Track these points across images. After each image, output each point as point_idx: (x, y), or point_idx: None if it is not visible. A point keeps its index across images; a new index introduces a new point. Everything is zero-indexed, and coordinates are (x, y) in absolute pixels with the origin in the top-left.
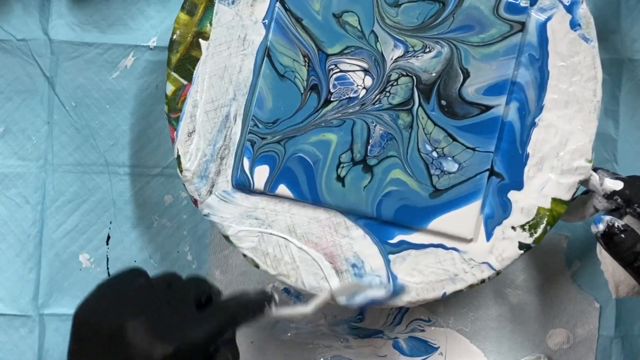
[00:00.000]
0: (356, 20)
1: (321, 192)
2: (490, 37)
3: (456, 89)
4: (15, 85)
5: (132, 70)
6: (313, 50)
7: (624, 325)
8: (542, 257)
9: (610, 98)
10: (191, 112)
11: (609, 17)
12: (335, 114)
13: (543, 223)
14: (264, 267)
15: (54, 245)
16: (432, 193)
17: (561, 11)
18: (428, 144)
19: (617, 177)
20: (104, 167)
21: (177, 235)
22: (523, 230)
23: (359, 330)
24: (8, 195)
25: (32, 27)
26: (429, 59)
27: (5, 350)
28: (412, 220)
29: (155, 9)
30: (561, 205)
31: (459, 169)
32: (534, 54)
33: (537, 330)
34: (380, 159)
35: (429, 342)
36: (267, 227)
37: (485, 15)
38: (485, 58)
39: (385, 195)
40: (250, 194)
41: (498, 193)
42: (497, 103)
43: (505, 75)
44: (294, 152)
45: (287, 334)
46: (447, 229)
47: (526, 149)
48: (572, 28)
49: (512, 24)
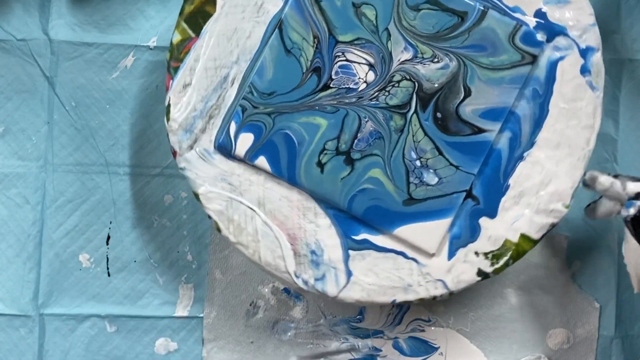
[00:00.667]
0: (373, 15)
1: (299, 173)
2: (499, 62)
3: (455, 104)
4: (15, 85)
5: (132, 70)
6: (324, 33)
7: (624, 325)
8: (542, 257)
9: (610, 98)
10: (191, 66)
11: (609, 17)
12: (331, 100)
13: (506, 256)
14: (226, 232)
15: (54, 245)
16: (406, 200)
17: (575, 54)
18: (414, 152)
19: (636, 178)
20: (104, 167)
21: (177, 235)
22: (485, 258)
23: (359, 330)
24: (8, 195)
25: (32, 27)
26: (435, 69)
27: (5, 350)
28: (380, 222)
29: (155, 9)
30: (528, 243)
31: (438, 182)
32: (538, 89)
33: (537, 330)
34: (364, 155)
35: (429, 342)
36: (238, 194)
37: (500, 39)
38: (490, 81)
39: (360, 191)
40: (230, 158)
41: (470, 216)
42: (491, 128)
43: (505, 103)
44: (282, 128)
45: (287, 334)
46: (412, 238)
47: (508, 180)
48: (581, 73)
49: (525, 55)
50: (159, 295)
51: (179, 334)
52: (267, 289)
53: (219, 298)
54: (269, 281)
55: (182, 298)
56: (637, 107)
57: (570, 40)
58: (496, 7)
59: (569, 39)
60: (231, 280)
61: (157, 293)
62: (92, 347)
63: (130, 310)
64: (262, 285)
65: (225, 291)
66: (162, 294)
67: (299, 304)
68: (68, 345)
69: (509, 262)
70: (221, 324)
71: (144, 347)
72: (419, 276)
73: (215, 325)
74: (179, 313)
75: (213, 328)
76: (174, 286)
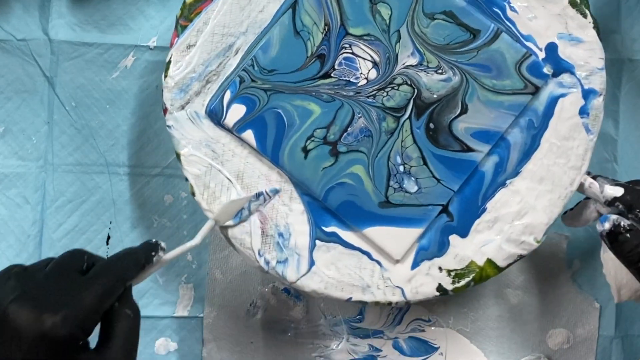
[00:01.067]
0: (388, 14)
1: (282, 154)
2: (501, 86)
3: (449, 118)
4: (15, 85)
5: (132, 70)
6: (336, 22)
7: (624, 325)
8: (542, 257)
9: (610, 98)
10: (199, 28)
11: (609, 17)
12: (329, 89)
13: (469, 277)
14: (199, 198)
15: (54, 245)
16: (382, 202)
17: (578, 94)
18: (399, 157)
19: (617, 183)
20: (104, 167)
21: (177, 235)
22: (448, 275)
23: (359, 331)
24: (8, 195)
25: (32, 27)
26: (437, 79)
27: None
28: (352, 218)
29: (155, 9)
30: (493, 269)
31: (417, 191)
32: (534, 120)
33: (537, 330)
34: (350, 149)
35: (429, 342)
36: (219, 163)
37: (507, 64)
38: (488, 103)
39: (339, 184)
40: (218, 126)
41: (441, 231)
42: (479, 149)
43: (499, 127)
44: (275, 107)
45: (287, 334)
46: (380, 240)
47: (486, 204)
48: (580, 114)
49: (528, 84)
50: (159, 295)
51: (179, 334)
52: (267, 289)
53: (219, 298)
54: (268, 281)
55: (182, 298)
56: (637, 107)
57: (576, 79)
58: (510, 32)
59: (574, 77)
60: (231, 280)
61: (157, 293)
62: None
63: None
64: (262, 285)
65: (225, 291)
66: (162, 294)
67: (299, 304)
68: None
69: (470, 284)
70: (221, 324)
71: (144, 347)
72: (379, 279)
73: (215, 325)
74: (179, 313)
75: (213, 328)
76: (174, 286)
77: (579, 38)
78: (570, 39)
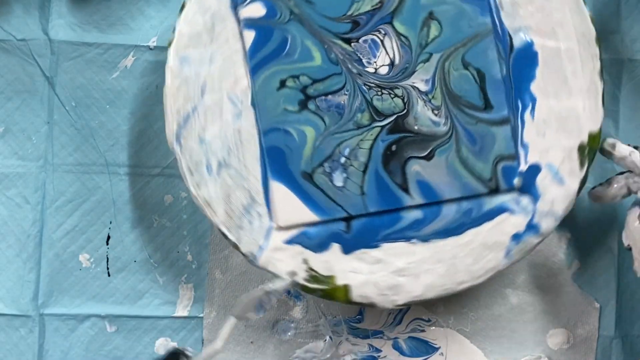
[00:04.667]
0: (434, 35)
1: (262, 73)
2: (472, 164)
3: (411, 154)
4: (15, 85)
5: (132, 70)
6: (390, 7)
7: (624, 325)
8: (542, 257)
9: (610, 98)
10: None
11: (609, 17)
12: (341, 53)
13: (322, 286)
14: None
15: (54, 245)
16: (305, 173)
17: (524, 220)
18: (349, 150)
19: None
20: (104, 167)
21: (177, 235)
22: (307, 271)
23: (359, 331)
24: (8, 195)
25: (32, 27)
26: (428, 116)
27: (5, 350)
28: (272, 165)
29: (155, 9)
30: (343, 296)
31: (338, 188)
32: (474, 212)
33: (537, 330)
34: (316, 112)
35: (429, 342)
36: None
37: (491, 150)
38: (451, 168)
39: (285, 131)
40: (233, 12)
41: (331, 235)
42: (414, 196)
43: (441, 194)
44: (287, 32)
45: (287, 334)
46: (277, 199)
47: (382, 243)
48: (512, 237)
49: (493, 180)
50: (159, 295)
51: (179, 334)
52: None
53: (219, 298)
54: (268, 281)
55: (182, 298)
56: (637, 107)
57: (533, 208)
58: (514, 129)
59: (533, 207)
60: (231, 280)
61: (157, 293)
62: (92, 347)
63: (130, 310)
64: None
65: (225, 291)
66: (162, 294)
67: (299, 304)
68: (68, 345)
69: (317, 292)
70: (221, 324)
71: (144, 347)
72: (250, 222)
73: (215, 325)
74: (179, 313)
75: (213, 328)
76: (174, 286)
77: (562, 180)
78: (555, 174)
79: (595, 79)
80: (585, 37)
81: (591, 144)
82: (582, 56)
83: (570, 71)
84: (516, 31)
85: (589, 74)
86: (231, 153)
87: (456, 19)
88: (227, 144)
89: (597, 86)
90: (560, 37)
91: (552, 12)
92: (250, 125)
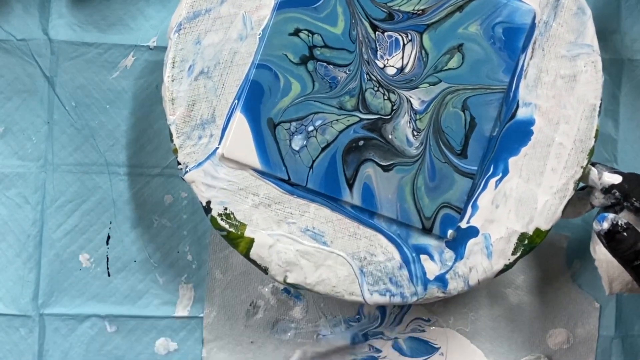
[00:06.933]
0: (455, 64)
1: (280, 21)
2: (420, 198)
3: (371, 157)
4: (15, 85)
5: (132, 70)
6: (424, 20)
7: (624, 325)
8: (542, 257)
9: (610, 98)
10: None
11: (609, 17)
12: (363, 34)
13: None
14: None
15: (54, 245)
16: (269, 119)
17: (436, 269)
18: (320, 122)
19: (615, 171)
20: (104, 167)
21: (177, 235)
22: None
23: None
24: (8, 195)
25: (32, 27)
26: (407, 134)
27: (5, 350)
28: (249, 97)
29: (155, 9)
30: None
31: (294, 151)
32: (399, 236)
33: (537, 330)
34: (312, 72)
35: (429, 342)
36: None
37: (442, 195)
38: (401, 190)
39: (276, 65)
40: None
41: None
42: (354, 195)
43: (380, 209)
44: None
45: (287, 334)
46: (235, 128)
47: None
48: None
49: (430, 219)
50: (159, 295)
51: (179, 334)
52: (267, 289)
53: (219, 298)
54: (269, 281)
55: (182, 298)
56: (637, 107)
57: (451, 265)
58: (474, 187)
59: (452, 264)
60: (231, 280)
61: (157, 293)
62: (92, 347)
63: (130, 310)
64: (262, 285)
65: (225, 291)
66: (162, 294)
67: (299, 304)
68: (68, 345)
69: (223, 233)
70: (221, 324)
71: (144, 347)
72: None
73: (215, 325)
74: (179, 313)
75: (213, 328)
76: (174, 286)
77: (491, 255)
78: (486, 248)
79: (569, 185)
80: (582, 144)
81: (533, 238)
82: (569, 159)
83: (551, 167)
84: (526, 104)
85: (567, 178)
86: (217, 67)
87: (480, 62)
88: (219, 57)
89: (568, 192)
90: (560, 132)
91: (566, 106)
92: (248, 53)
